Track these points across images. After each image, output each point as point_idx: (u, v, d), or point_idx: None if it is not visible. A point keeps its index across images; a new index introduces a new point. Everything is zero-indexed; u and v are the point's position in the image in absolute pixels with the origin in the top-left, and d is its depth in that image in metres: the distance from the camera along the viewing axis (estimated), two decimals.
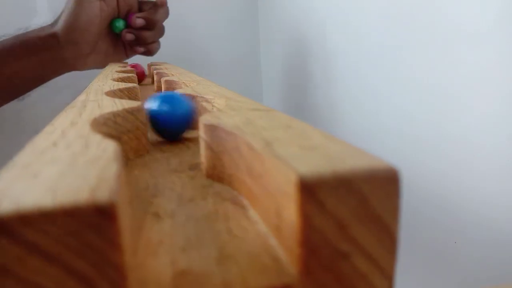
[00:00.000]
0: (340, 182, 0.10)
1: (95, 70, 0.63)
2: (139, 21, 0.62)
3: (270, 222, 0.12)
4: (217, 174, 0.17)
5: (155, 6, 0.64)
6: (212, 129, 0.17)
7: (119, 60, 0.68)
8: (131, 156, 0.21)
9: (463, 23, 0.42)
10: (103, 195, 0.09)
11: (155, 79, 0.54)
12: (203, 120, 0.17)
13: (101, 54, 0.63)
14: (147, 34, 0.63)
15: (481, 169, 0.42)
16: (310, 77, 0.75)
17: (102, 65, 0.64)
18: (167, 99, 0.23)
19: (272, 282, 0.10)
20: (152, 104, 0.24)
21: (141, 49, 0.65)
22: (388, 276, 0.11)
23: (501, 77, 0.39)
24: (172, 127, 0.23)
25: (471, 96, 0.42)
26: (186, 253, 0.12)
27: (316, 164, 0.11)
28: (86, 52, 0.60)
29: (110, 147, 0.13)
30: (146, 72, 0.80)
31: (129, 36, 0.63)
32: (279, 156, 0.11)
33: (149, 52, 0.67)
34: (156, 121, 0.23)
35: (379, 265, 0.11)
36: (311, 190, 0.10)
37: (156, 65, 0.67)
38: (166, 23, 0.88)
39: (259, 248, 0.12)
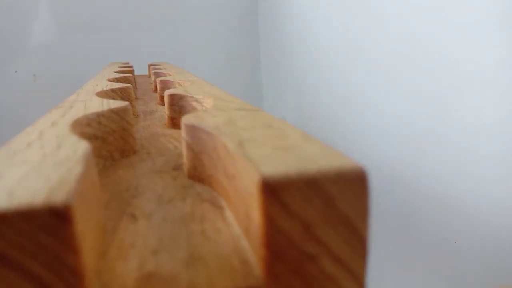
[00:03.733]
0: (305, 183, 0.10)
1: (94, 71, 0.63)
2: None
3: (242, 223, 0.12)
4: (198, 175, 0.17)
5: None
6: (192, 129, 0.17)
7: None
8: (116, 156, 0.21)
9: (463, 23, 0.42)
10: (59, 197, 0.09)
11: (153, 79, 0.54)
12: (185, 120, 0.17)
13: None
14: None
15: (481, 170, 0.42)
16: (309, 77, 0.75)
17: None
18: None
19: (238, 285, 0.10)
20: None
21: None
22: (358, 279, 0.11)
23: (500, 80, 0.38)
24: None
25: (470, 100, 0.42)
26: (157, 255, 0.12)
27: (283, 164, 0.10)
28: None
29: (81, 148, 0.13)
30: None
31: None
32: (248, 157, 0.11)
33: None
34: None
35: (349, 268, 0.11)
36: (274, 191, 0.10)
37: (156, 65, 0.67)
38: (168, 24, 0.88)
39: (230, 250, 0.12)
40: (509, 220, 0.40)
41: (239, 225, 0.13)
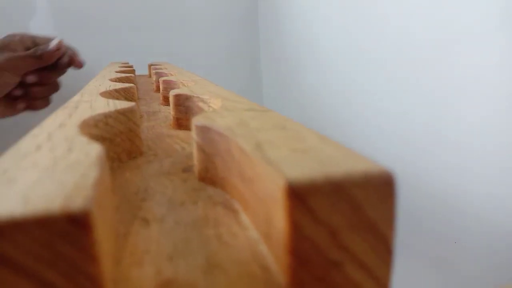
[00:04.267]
0: (332, 188, 0.10)
1: (94, 71, 0.63)
2: (31, 78, 0.56)
3: (261, 228, 0.12)
4: (209, 177, 0.17)
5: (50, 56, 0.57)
6: (204, 130, 0.16)
7: (7, 113, 0.62)
8: (123, 158, 0.21)
9: (463, 24, 0.41)
10: (77, 203, 0.08)
11: (154, 79, 0.53)
12: (196, 121, 0.17)
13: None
14: (37, 90, 0.59)
15: (481, 171, 0.42)
16: (310, 77, 0.74)
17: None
18: None
19: None
20: None
21: (22, 105, 0.59)
22: (383, 286, 0.10)
23: (500, 78, 0.38)
24: None
25: (470, 98, 0.42)
26: (173, 262, 0.11)
27: (307, 168, 0.10)
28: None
29: (93, 151, 0.12)
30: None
31: (17, 92, 0.57)
32: (269, 160, 0.11)
33: (33, 107, 0.61)
34: None
35: (374, 275, 0.10)
36: (301, 197, 0.09)
37: (156, 65, 0.66)
38: (168, 24, 0.88)
39: (248, 256, 0.11)
40: (508, 220, 0.40)
41: (257, 230, 0.12)
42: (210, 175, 0.17)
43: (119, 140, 0.20)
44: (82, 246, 0.08)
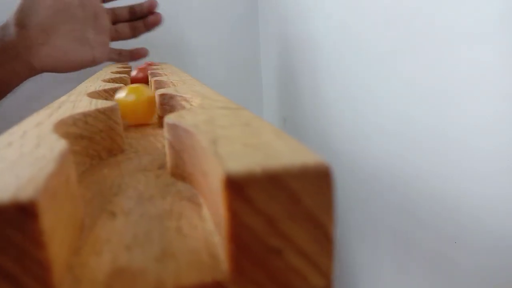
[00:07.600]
0: (269, 179, 0.10)
1: (94, 71, 0.64)
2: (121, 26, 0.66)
3: (214, 219, 0.13)
4: (179, 173, 0.17)
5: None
6: (173, 128, 0.17)
7: (85, 63, 0.61)
8: (104, 155, 0.22)
9: (463, 23, 0.42)
10: (26, 194, 0.09)
11: (149, 79, 0.54)
12: (167, 119, 0.17)
13: (59, 50, 0.55)
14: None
15: (481, 171, 0.42)
16: (310, 77, 0.75)
17: (62, 66, 0.57)
18: None
19: (204, 279, 0.11)
20: None
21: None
22: (325, 274, 0.11)
23: (501, 78, 0.38)
24: None
25: (470, 97, 0.42)
26: (130, 251, 0.12)
27: (249, 161, 0.11)
28: (36, 40, 0.53)
29: (57, 147, 0.13)
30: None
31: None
32: (217, 154, 0.11)
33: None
34: None
35: (315, 263, 0.11)
36: (238, 187, 0.10)
37: (154, 65, 0.67)
38: (166, 23, 0.88)
39: (202, 245, 0.12)
40: (509, 221, 0.40)
41: (213, 221, 0.13)
42: (180, 170, 0.17)
43: (99, 138, 0.21)
44: (31, 234, 0.09)
